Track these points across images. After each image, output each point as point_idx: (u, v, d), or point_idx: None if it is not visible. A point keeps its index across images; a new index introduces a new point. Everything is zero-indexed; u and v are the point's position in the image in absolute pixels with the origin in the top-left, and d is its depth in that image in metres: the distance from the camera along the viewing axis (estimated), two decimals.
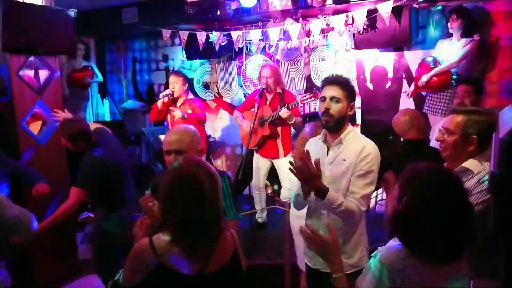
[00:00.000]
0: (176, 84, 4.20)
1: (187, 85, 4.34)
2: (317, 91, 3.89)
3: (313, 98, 3.77)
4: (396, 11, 3.96)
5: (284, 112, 3.77)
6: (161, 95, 4.21)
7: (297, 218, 2.52)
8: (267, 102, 4.07)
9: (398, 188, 1.37)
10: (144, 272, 1.42)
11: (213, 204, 1.45)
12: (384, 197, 3.70)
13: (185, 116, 4.06)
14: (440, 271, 1.32)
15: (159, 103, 4.18)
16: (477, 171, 1.86)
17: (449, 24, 3.92)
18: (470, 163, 1.89)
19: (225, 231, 1.57)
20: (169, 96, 4.17)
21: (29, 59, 3.61)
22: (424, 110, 4.17)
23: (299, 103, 3.79)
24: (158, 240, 1.46)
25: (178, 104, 4.26)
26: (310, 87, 5.00)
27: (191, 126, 2.27)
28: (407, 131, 2.90)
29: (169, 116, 4.30)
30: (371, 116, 4.82)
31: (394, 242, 1.41)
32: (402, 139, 3.07)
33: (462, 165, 1.89)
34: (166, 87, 5.95)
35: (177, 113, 4.11)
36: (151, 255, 1.42)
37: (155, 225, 1.75)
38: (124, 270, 1.50)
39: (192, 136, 2.09)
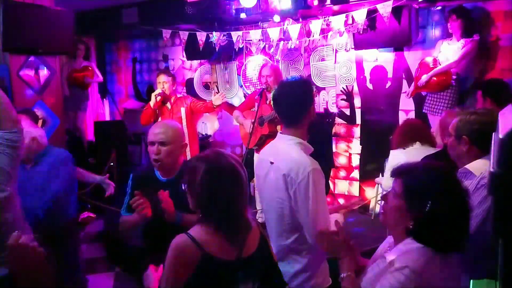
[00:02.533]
0: (165, 84, 4.16)
1: (175, 85, 4.35)
2: (315, 90, 3.89)
3: None
4: (396, 11, 3.96)
5: None
6: (152, 95, 4.18)
7: None
8: (267, 102, 4.07)
9: (413, 191, 1.40)
10: (191, 267, 1.46)
11: (247, 191, 1.57)
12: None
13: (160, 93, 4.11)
14: (452, 263, 1.40)
15: (152, 103, 4.14)
16: (479, 173, 1.86)
17: (449, 24, 3.92)
18: (473, 166, 1.89)
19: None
20: (161, 95, 4.16)
21: (29, 59, 3.61)
22: (424, 110, 4.17)
23: None
24: (196, 233, 1.50)
25: (169, 104, 4.25)
26: None
27: (176, 122, 2.40)
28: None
29: (159, 119, 4.30)
30: (371, 116, 4.82)
31: (404, 247, 1.41)
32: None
33: (465, 166, 1.91)
34: None
35: (217, 101, 4.12)
36: (194, 249, 1.46)
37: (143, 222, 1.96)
38: (166, 274, 1.49)
39: (176, 130, 2.21)
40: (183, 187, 1.58)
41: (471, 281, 1.78)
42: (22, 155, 2.11)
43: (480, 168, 1.87)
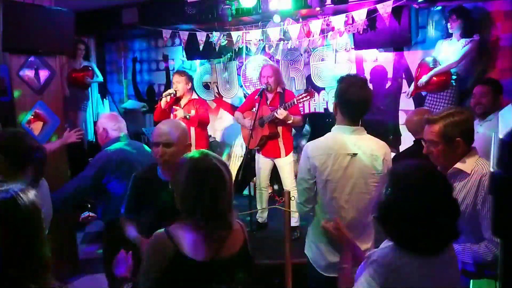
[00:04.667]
0: (179, 84, 4.16)
1: (190, 84, 4.29)
2: (313, 90, 3.90)
3: (309, 97, 3.77)
4: (396, 11, 3.96)
5: (280, 113, 3.76)
6: (164, 94, 4.19)
7: None
8: (268, 102, 4.06)
9: (388, 178, 1.42)
10: (163, 262, 1.48)
11: (230, 192, 1.57)
12: None
13: (188, 117, 4.04)
14: (431, 265, 1.35)
15: (162, 103, 4.16)
16: (469, 170, 1.87)
17: (449, 24, 3.93)
18: (460, 164, 1.89)
19: (235, 219, 1.65)
20: (172, 95, 4.15)
21: (29, 59, 3.61)
22: None
23: (295, 103, 3.79)
24: (175, 229, 1.53)
25: (182, 103, 4.23)
26: (308, 87, 5.00)
27: (180, 121, 2.38)
28: (419, 131, 2.92)
29: (171, 116, 4.29)
30: (371, 116, 4.79)
31: (385, 244, 1.43)
32: (414, 139, 3.10)
33: (455, 166, 1.90)
34: (167, 86, 5.97)
35: (179, 113, 4.08)
36: (169, 244, 1.49)
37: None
38: (143, 266, 1.54)
39: (181, 130, 2.21)
40: (169, 186, 1.60)
41: (471, 281, 1.78)
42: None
43: (470, 165, 1.88)
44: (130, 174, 2.56)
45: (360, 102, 2.07)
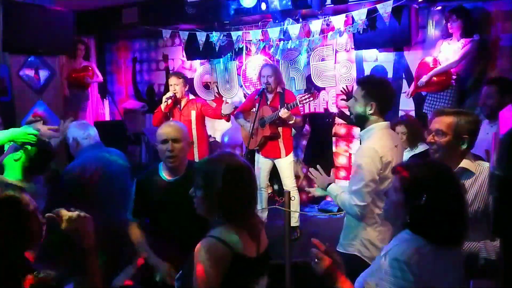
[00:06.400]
0: (177, 86, 4.12)
1: (187, 86, 4.29)
2: (316, 91, 3.90)
3: (311, 98, 3.77)
4: (396, 11, 3.96)
5: (283, 113, 3.76)
6: (164, 98, 4.17)
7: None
8: (268, 102, 4.06)
9: (410, 185, 1.43)
10: (224, 267, 1.48)
11: (256, 188, 1.65)
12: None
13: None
14: (449, 254, 1.41)
15: (163, 106, 4.12)
16: (474, 169, 1.92)
17: (449, 24, 3.92)
18: (467, 163, 1.93)
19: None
20: (172, 98, 4.14)
21: (29, 59, 3.62)
22: (424, 110, 4.17)
23: (298, 103, 3.79)
24: (221, 234, 1.51)
25: (181, 105, 4.22)
26: (310, 87, 5.00)
27: (181, 122, 2.57)
28: None
29: (171, 120, 4.28)
30: None
31: (397, 241, 1.43)
32: None
33: (460, 165, 1.93)
34: (166, 87, 5.97)
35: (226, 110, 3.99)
36: (224, 249, 1.48)
37: None
38: (201, 278, 1.47)
39: (184, 128, 2.35)
40: (194, 192, 1.58)
41: (471, 281, 1.78)
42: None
43: (472, 165, 1.94)
44: (112, 182, 2.56)
45: (394, 97, 2.37)
